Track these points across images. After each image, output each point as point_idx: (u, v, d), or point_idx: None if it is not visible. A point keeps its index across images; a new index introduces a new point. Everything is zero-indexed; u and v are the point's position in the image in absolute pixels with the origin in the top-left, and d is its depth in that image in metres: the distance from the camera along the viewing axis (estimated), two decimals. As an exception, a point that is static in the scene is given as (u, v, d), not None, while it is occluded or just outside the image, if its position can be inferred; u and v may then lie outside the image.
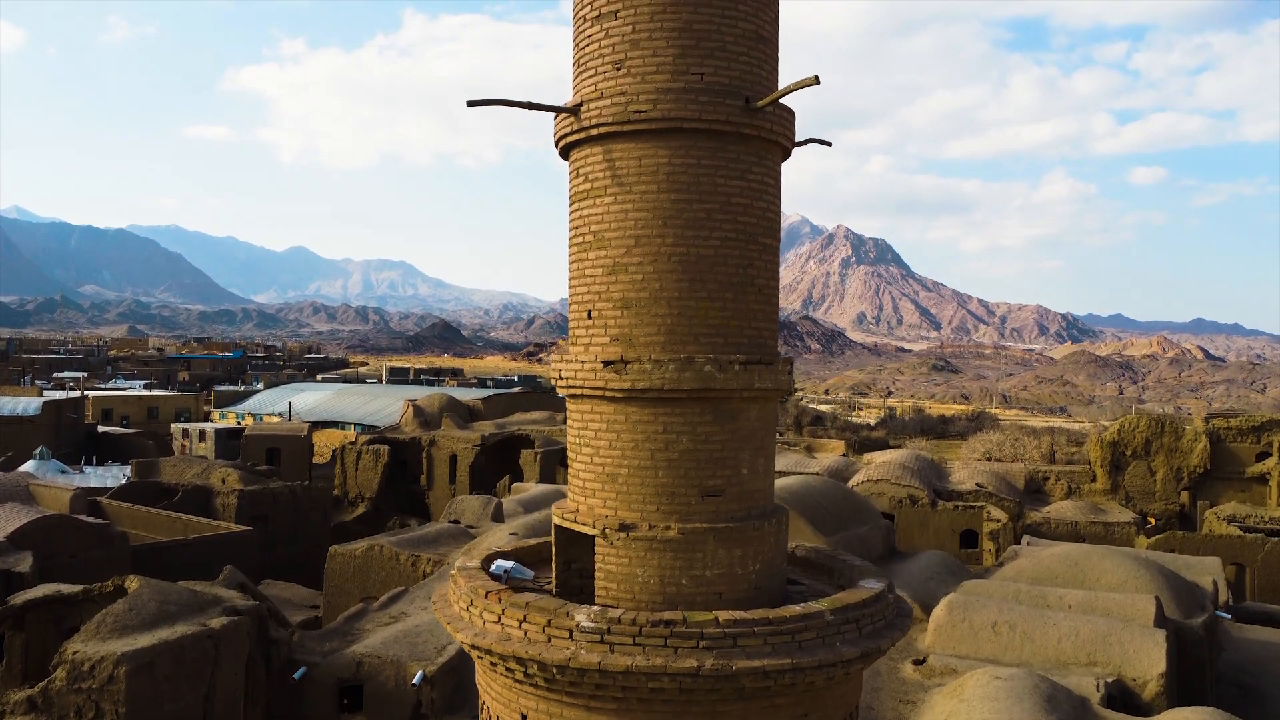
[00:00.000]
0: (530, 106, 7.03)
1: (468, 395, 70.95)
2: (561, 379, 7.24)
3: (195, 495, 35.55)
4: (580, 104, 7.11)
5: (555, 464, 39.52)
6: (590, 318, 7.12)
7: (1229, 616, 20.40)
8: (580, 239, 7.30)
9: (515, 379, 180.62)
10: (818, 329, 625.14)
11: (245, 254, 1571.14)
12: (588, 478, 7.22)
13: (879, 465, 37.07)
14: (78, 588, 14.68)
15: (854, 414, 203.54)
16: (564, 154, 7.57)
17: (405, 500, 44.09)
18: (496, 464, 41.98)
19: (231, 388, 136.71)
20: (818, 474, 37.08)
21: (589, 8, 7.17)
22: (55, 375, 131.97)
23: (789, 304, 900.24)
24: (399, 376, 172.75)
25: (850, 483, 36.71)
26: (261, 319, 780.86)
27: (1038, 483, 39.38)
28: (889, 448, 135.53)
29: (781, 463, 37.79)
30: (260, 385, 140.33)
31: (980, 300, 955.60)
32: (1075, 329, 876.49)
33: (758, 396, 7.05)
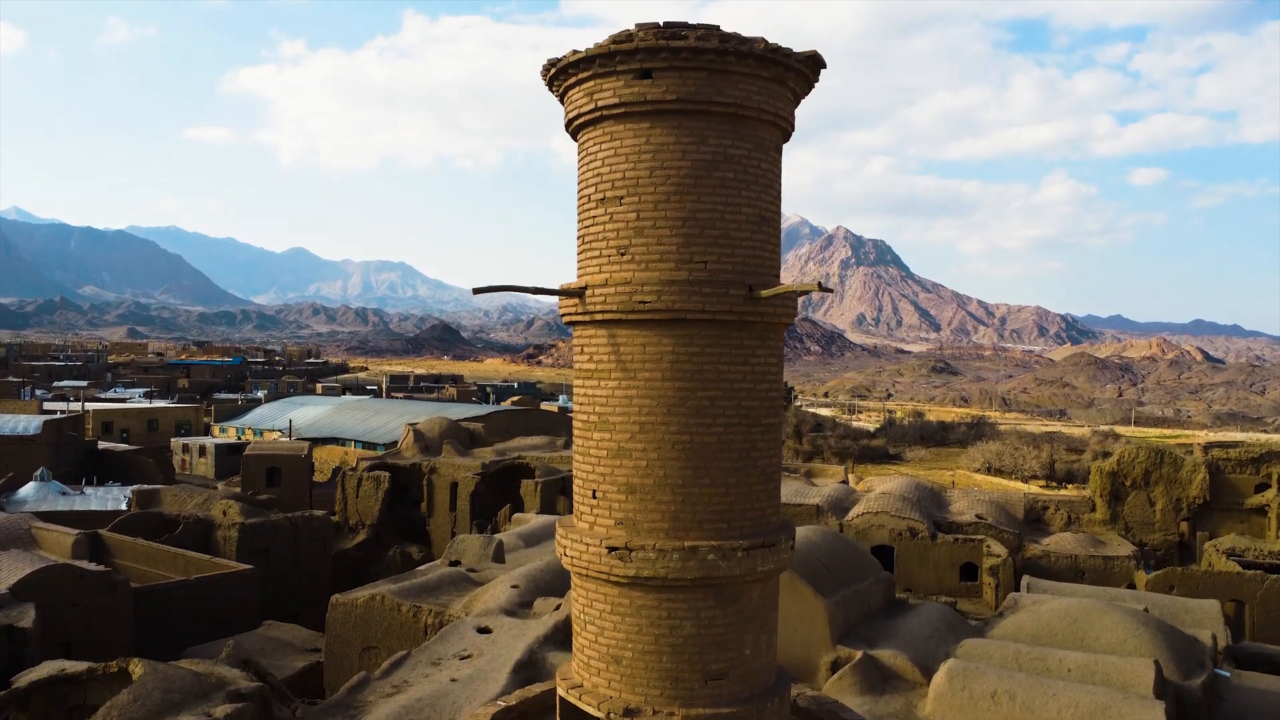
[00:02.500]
0: (536, 292, 7.08)
1: (468, 413, 71.00)
2: (568, 557, 7.29)
3: (196, 528, 35.58)
4: (585, 288, 7.15)
5: (555, 493, 39.57)
6: (595, 497, 7.16)
7: (1228, 675, 20.44)
8: (585, 417, 7.33)
9: (515, 385, 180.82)
10: (817, 330, 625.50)
11: (245, 255, 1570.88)
12: (592, 655, 7.26)
13: (878, 497, 37.11)
14: (82, 666, 14.73)
15: (854, 418, 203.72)
16: (569, 323, 7.60)
17: (405, 526, 44.13)
18: (497, 492, 42.03)
19: (231, 395, 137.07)
20: (817, 505, 37.15)
21: (594, 189, 7.19)
22: (55, 384, 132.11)
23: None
24: (399, 384, 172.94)
25: (850, 515, 36.79)
26: (261, 320, 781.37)
27: (1037, 512, 39.42)
28: (889, 457, 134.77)
29: (783, 492, 37.83)
30: (260, 394, 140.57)
31: (980, 301, 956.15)
32: (1075, 330, 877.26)
33: (760, 578, 7.11)
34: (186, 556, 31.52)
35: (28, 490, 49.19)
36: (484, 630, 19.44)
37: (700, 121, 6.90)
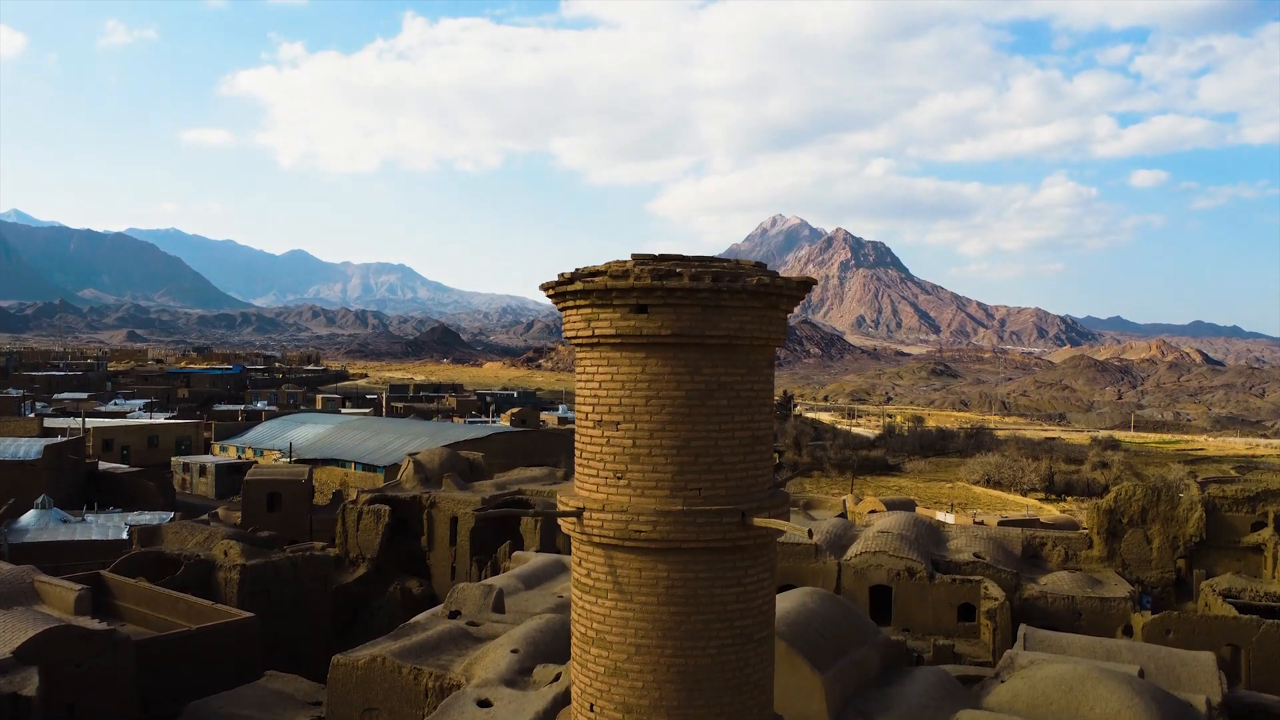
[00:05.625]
0: (537, 514, 7.24)
1: (467, 435, 71.21)
2: (565, 767, 7.45)
3: (197, 569, 35.74)
4: (583, 509, 7.31)
5: (555, 530, 39.72)
6: (593, 710, 7.30)
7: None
8: (583, 629, 7.46)
9: (514, 394, 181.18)
10: (817, 333, 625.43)
11: (244, 257, 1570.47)
12: None
13: (876, 535, 37.25)
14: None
15: (853, 423, 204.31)
16: (568, 533, 7.74)
17: (405, 559, 44.25)
18: (496, 527, 42.15)
19: (231, 407, 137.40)
20: (816, 545, 37.25)
21: (592, 409, 7.33)
22: (55, 397, 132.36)
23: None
24: (399, 393, 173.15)
25: (849, 554, 36.94)
26: (261, 323, 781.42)
27: (1035, 548, 39.58)
28: (889, 468, 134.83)
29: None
30: (260, 404, 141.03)
31: (980, 303, 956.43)
32: (1074, 332, 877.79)
33: (754, 784, 7.28)
34: (188, 602, 31.63)
35: (29, 519, 49.47)
36: (484, 703, 19.58)
37: (695, 352, 7.05)
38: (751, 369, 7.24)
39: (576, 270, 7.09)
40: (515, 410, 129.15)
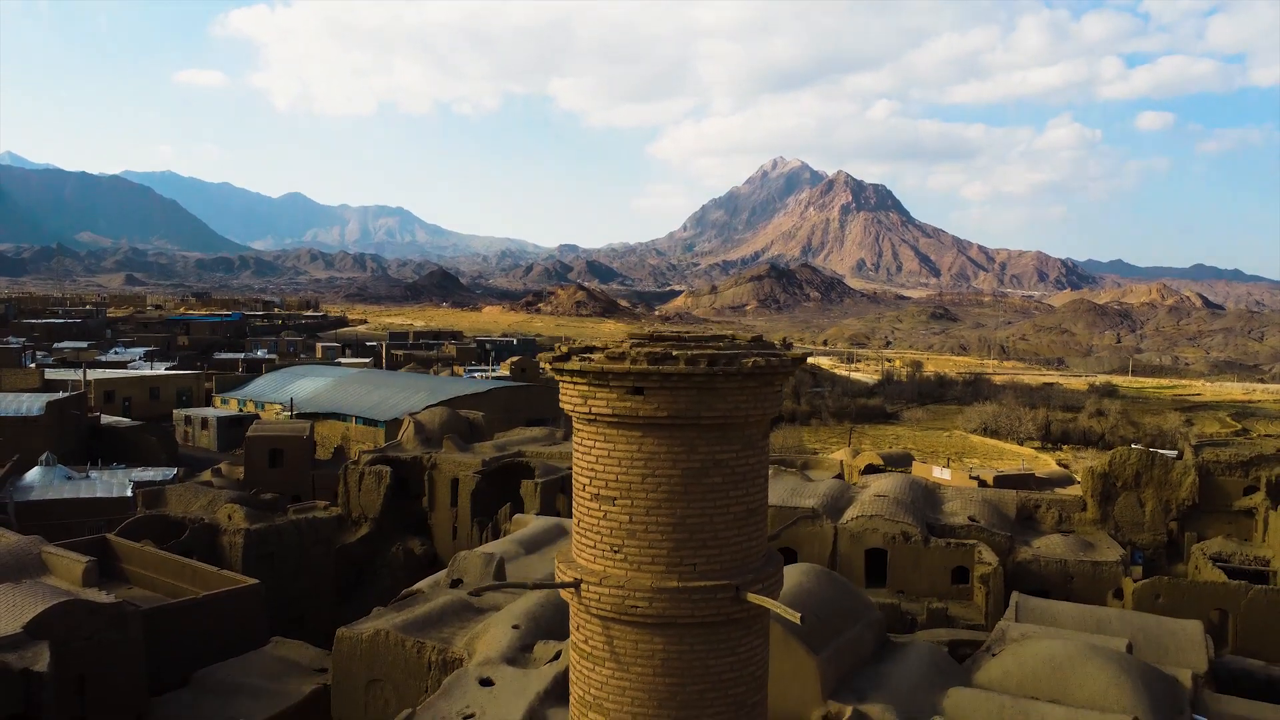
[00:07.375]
0: (534, 586, 7.40)
1: (467, 390, 71.55)
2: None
3: (202, 533, 36.27)
4: (580, 581, 7.46)
5: (555, 493, 40.16)
6: (592, 777, 7.54)
7: (1205, 721, 21.08)
8: (580, 694, 7.63)
9: (514, 341, 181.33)
10: (816, 277, 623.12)
11: (241, 201, 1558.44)
12: None
13: (873, 500, 37.67)
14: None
15: (852, 368, 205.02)
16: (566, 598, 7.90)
17: (407, 519, 44.77)
18: (497, 489, 42.62)
19: (232, 355, 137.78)
20: (813, 508, 37.72)
21: (589, 482, 7.46)
22: (56, 346, 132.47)
23: (788, 250, 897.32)
24: (399, 341, 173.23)
25: (845, 517, 37.40)
26: (259, 267, 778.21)
27: (1029, 510, 40.04)
28: (887, 416, 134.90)
29: (776, 493, 38.28)
30: (260, 352, 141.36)
31: (980, 247, 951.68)
32: (1075, 275, 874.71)
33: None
34: (194, 567, 32.07)
35: (33, 476, 49.84)
36: (486, 682, 20.04)
37: (691, 432, 7.18)
38: (746, 444, 7.36)
39: (572, 348, 7.17)
40: (515, 359, 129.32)
